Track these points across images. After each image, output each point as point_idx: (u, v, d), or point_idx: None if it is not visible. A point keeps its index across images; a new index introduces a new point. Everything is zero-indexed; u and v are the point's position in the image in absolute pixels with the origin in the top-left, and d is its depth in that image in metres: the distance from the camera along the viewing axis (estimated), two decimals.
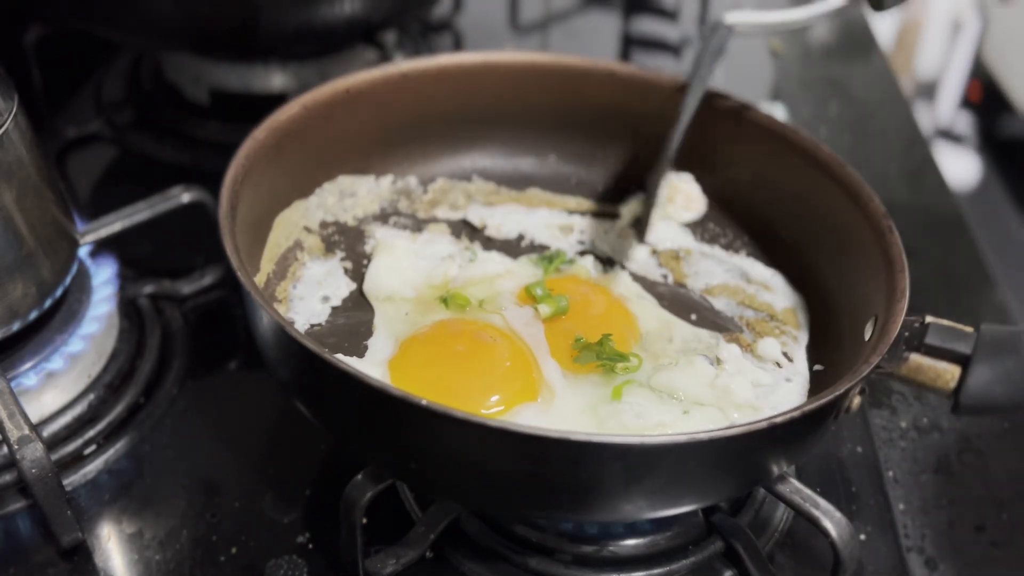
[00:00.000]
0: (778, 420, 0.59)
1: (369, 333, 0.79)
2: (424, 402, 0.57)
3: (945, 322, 0.69)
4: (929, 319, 0.70)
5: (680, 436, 0.57)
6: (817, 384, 0.77)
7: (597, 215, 0.95)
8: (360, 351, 0.77)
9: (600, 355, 0.75)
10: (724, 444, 0.58)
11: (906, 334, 0.69)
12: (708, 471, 0.62)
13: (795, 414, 0.59)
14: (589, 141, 0.96)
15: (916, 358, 0.69)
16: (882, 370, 0.69)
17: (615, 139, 0.96)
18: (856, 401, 0.69)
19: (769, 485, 0.66)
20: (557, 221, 0.94)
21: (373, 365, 0.75)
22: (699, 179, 0.94)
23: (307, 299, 0.82)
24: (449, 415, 0.57)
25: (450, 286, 0.83)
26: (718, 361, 0.79)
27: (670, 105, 0.88)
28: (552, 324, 0.79)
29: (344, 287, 0.84)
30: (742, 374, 0.77)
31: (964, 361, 0.68)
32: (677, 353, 0.79)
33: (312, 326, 0.80)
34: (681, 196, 0.93)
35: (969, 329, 0.69)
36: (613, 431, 0.71)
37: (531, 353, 0.76)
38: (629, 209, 0.94)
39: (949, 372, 0.69)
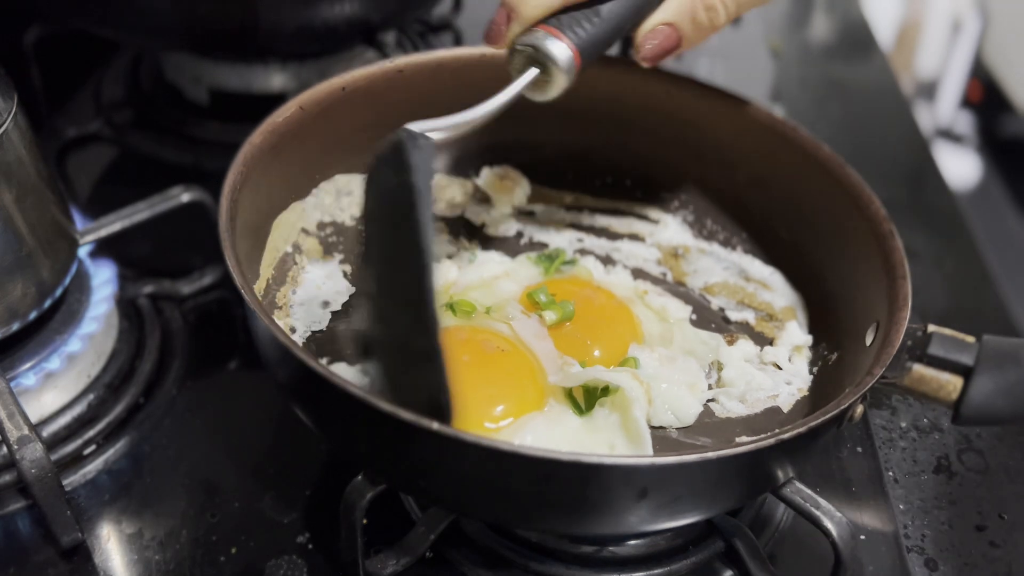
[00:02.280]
0: (785, 436, 0.59)
1: None
2: (435, 426, 0.56)
3: (947, 331, 0.69)
4: (932, 328, 0.69)
5: (688, 456, 0.58)
6: (818, 386, 0.77)
7: (594, 210, 0.95)
8: None
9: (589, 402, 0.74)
10: (731, 461, 0.59)
11: (908, 343, 0.69)
12: (715, 486, 0.62)
13: (801, 429, 0.60)
14: (586, 135, 0.96)
15: (919, 369, 0.69)
16: (885, 380, 0.68)
17: (612, 133, 0.95)
18: (859, 411, 0.68)
19: (774, 491, 0.66)
20: (556, 217, 0.94)
21: None
22: (697, 173, 0.93)
23: (307, 305, 0.81)
24: (460, 439, 0.57)
25: (451, 291, 0.83)
26: (718, 365, 0.78)
27: (667, 97, 0.88)
28: (558, 330, 0.79)
29: (344, 291, 0.84)
30: (742, 379, 0.77)
31: (966, 372, 0.67)
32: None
33: (313, 333, 0.79)
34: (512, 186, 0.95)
35: (971, 339, 0.69)
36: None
37: (537, 360, 0.76)
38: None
39: (951, 383, 0.68)
